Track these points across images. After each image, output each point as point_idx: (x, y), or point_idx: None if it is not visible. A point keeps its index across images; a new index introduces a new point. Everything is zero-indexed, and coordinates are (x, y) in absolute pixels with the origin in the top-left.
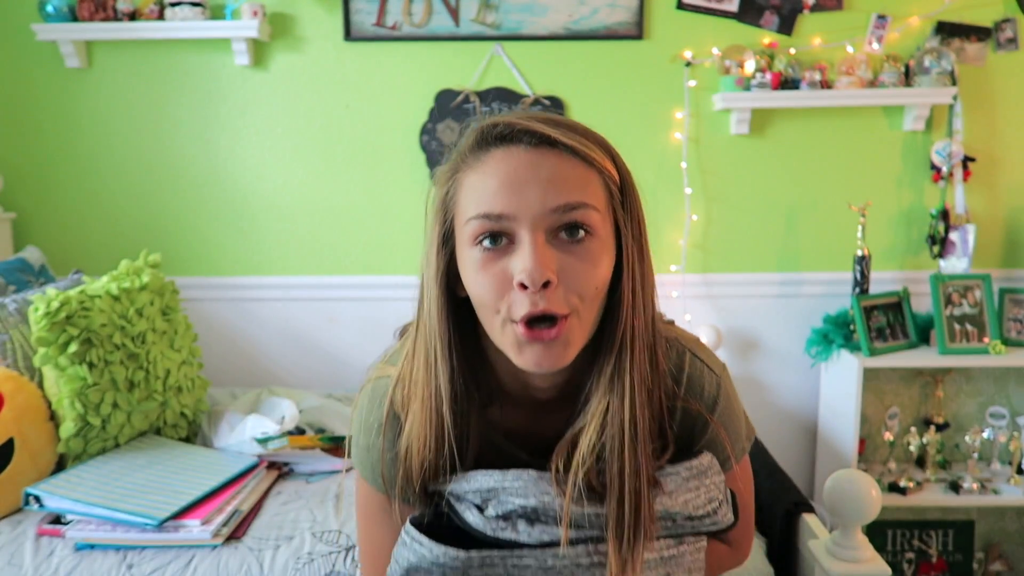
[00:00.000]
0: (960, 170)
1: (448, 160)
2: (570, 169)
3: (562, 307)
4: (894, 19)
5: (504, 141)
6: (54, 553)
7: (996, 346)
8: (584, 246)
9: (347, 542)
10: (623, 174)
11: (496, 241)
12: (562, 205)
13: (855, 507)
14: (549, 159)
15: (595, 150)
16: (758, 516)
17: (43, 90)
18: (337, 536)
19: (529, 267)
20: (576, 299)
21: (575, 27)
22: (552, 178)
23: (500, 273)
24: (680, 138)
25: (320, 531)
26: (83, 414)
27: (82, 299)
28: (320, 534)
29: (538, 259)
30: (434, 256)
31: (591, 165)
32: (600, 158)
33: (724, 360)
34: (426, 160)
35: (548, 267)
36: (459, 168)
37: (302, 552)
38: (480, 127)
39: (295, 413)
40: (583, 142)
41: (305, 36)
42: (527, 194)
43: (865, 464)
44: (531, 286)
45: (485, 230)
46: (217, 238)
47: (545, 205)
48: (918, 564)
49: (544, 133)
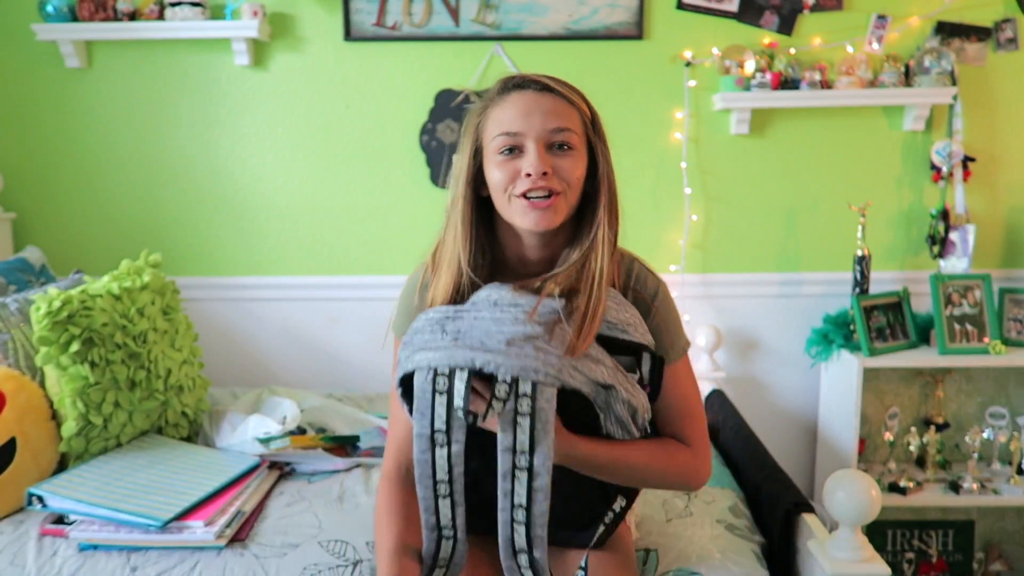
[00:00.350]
0: (960, 170)
1: (479, 103)
2: (560, 106)
3: (556, 186)
4: (894, 19)
5: (519, 87)
6: (57, 553)
7: (996, 346)
8: (568, 154)
9: (354, 555)
10: (593, 113)
11: (511, 152)
12: (554, 128)
13: (855, 507)
14: (547, 99)
15: (576, 97)
16: (758, 516)
17: (43, 90)
18: (344, 548)
19: (534, 163)
20: (564, 184)
21: (575, 27)
22: (549, 111)
23: (513, 169)
24: (680, 138)
25: (327, 540)
26: (85, 413)
27: (83, 298)
28: (326, 543)
29: (540, 159)
30: (466, 164)
31: (573, 105)
32: (579, 102)
33: (724, 360)
34: (426, 160)
35: (546, 164)
36: (488, 106)
37: (308, 563)
38: (503, 79)
39: (297, 413)
40: (569, 91)
41: (305, 36)
42: (533, 120)
43: (865, 464)
44: (535, 174)
45: (506, 144)
46: (217, 238)
47: (545, 127)
48: (918, 564)
49: (544, 83)
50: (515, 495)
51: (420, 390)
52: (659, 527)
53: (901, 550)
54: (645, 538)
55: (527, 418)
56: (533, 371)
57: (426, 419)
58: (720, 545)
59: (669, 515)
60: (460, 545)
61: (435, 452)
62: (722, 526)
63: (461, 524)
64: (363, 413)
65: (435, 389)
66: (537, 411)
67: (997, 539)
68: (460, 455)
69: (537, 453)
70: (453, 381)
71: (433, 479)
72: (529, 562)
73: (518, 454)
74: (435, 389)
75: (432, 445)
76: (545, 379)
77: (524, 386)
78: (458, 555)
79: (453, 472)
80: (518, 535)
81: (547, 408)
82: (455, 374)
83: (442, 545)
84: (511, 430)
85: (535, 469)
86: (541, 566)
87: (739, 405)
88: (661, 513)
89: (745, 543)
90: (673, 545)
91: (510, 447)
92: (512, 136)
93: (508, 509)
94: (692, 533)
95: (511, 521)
